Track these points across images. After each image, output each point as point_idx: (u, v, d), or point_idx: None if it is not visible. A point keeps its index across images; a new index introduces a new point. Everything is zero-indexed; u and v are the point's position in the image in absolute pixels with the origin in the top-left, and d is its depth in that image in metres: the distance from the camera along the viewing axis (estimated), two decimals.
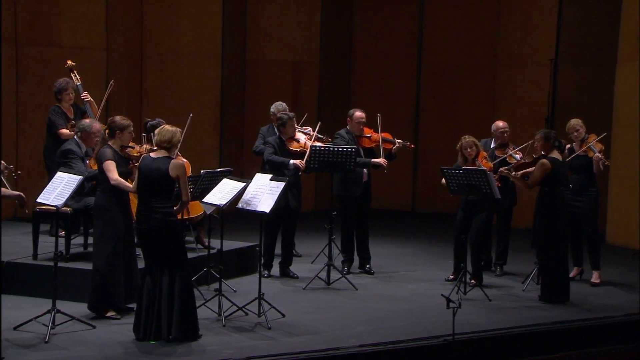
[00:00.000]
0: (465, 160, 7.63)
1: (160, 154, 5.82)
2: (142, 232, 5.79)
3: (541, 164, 7.08)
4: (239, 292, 7.16)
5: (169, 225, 5.73)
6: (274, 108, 8.56)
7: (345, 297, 7.31)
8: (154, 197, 5.74)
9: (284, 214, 7.70)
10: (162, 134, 5.85)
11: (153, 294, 5.74)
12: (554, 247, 7.10)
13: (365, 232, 8.19)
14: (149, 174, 5.78)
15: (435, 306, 6.81)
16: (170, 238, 5.75)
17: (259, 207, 6.41)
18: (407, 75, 12.78)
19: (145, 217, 5.74)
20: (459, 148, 7.65)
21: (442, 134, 12.19)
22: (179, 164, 5.80)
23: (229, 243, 7.92)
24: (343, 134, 8.11)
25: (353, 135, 8.06)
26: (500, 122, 8.21)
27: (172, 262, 5.75)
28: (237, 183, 6.52)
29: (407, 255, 9.46)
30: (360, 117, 8.06)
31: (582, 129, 7.85)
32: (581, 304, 7.18)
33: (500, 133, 8.08)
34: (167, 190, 5.76)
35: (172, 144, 5.84)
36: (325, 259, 7.90)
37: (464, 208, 7.71)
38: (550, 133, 7.26)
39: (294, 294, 7.39)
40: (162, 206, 5.72)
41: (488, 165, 7.56)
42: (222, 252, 6.79)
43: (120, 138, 6.29)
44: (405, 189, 12.85)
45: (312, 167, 7.70)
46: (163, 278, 5.73)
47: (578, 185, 7.81)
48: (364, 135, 8.09)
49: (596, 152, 7.67)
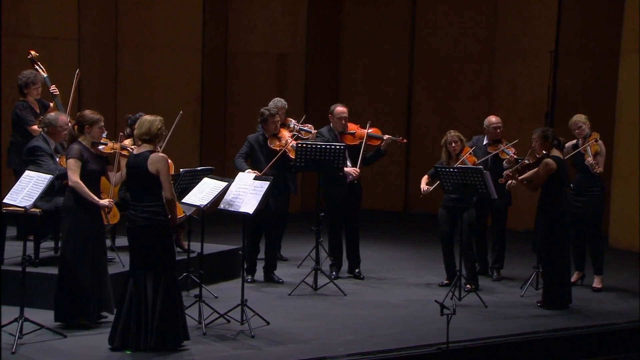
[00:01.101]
0: (449, 156, 7.67)
1: (142, 149, 5.79)
2: (129, 231, 5.80)
3: (545, 164, 7.11)
4: (221, 299, 7.15)
5: (156, 225, 5.71)
6: (273, 105, 8.50)
7: (333, 304, 7.32)
8: (141, 195, 5.73)
9: (265, 216, 7.70)
10: (140, 126, 5.81)
11: (136, 300, 5.72)
12: (557, 251, 7.13)
13: (355, 234, 8.21)
14: (132, 172, 5.76)
15: (429, 313, 6.83)
16: (157, 239, 5.72)
17: (242, 208, 6.41)
18: (399, 67, 12.80)
19: (133, 216, 5.74)
20: (444, 143, 7.70)
21: (436, 130, 12.15)
22: (158, 157, 5.73)
23: (210, 246, 7.92)
24: (324, 133, 8.12)
25: (336, 132, 8.07)
26: (493, 117, 8.25)
27: (157, 265, 5.73)
28: (218, 182, 6.51)
29: (399, 258, 9.48)
30: (341, 112, 8.06)
31: (585, 126, 7.87)
32: (582, 311, 7.22)
33: (493, 129, 8.12)
34: (152, 187, 5.74)
35: (152, 135, 5.78)
36: (312, 263, 7.91)
37: (446, 206, 7.75)
38: (547, 131, 7.29)
39: (279, 300, 7.40)
40: (149, 205, 5.70)
41: (472, 159, 7.61)
42: (203, 255, 6.77)
43: (89, 133, 6.21)
44: (396, 188, 12.89)
45: (299, 165, 7.71)
46: (147, 282, 5.71)
47: (580, 185, 7.85)
48: (348, 132, 8.09)
49: (589, 156, 7.71)
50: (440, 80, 12.57)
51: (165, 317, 5.72)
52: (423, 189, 7.68)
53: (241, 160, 7.80)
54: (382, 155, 8.12)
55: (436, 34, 12.54)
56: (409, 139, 12.60)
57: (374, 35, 12.85)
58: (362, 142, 8.00)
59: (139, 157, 5.76)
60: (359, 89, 12.76)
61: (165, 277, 5.72)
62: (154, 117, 5.85)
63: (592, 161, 7.67)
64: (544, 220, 7.17)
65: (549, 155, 7.15)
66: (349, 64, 12.98)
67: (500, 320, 6.93)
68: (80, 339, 6.03)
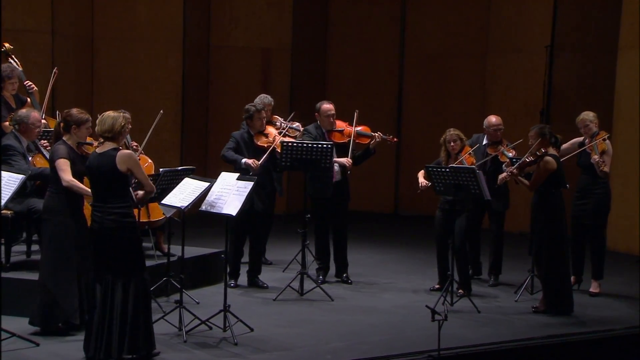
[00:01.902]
0: (448, 155, 7.68)
1: (106, 147, 5.76)
2: (94, 234, 5.75)
3: (546, 162, 7.12)
4: (202, 304, 7.14)
5: (124, 226, 5.69)
6: (259, 101, 8.49)
7: (320, 309, 7.32)
8: (106, 196, 5.69)
9: (249, 218, 7.69)
10: (102, 123, 5.77)
11: (104, 306, 5.69)
12: (556, 254, 7.15)
13: (342, 237, 8.21)
14: (97, 172, 5.72)
15: (419, 319, 6.85)
16: (125, 241, 5.69)
17: (225, 210, 6.40)
18: (389, 63, 12.83)
19: (98, 218, 5.70)
20: (443, 141, 7.70)
21: (428, 128, 12.25)
22: (126, 154, 5.71)
23: (191, 250, 7.90)
24: (311, 130, 8.12)
25: (323, 130, 8.08)
26: (494, 117, 8.24)
27: (126, 268, 5.70)
28: (200, 183, 6.50)
29: (389, 262, 9.49)
30: (328, 109, 8.08)
31: (592, 124, 7.88)
32: (579, 316, 7.25)
33: (494, 130, 8.12)
34: (120, 187, 5.72)
35: (115, 132, 5.76)
36: (298, 267, 7.90)
37: (442, 208, 7.77)
38: (545, 129, 7.32)
39: (264, 305, 7.39)
40: (115, 206, 5.68)
41: (471, 160, 7.61)
42: (184, 259, 6.76)
43: (76, 134, 6.21)
44: (386, 189, 12.91)
45: (284, 165, 7.71)
46: (116, 287, 5.69)
47: (584, 186, 7.87)
48: (336, 129, 8.10)
49: (596, 154, 7.73)
50: (431, 76, 12.60)
51: (137, 323, 5.69)
52: (421, 184, 7.68)
53: (231, 152, 7.76)
54: (371, 154, 8.12)
55: (428, 29, 12.57)
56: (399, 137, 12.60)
57: (363, 29, 12.86)
58: (351, 140, 8.00)
59: (103, 156, 5.71)
60: (346, 86, 12.77)
61: (134, 281, 5.70)
62: (117, 113, 5.84)
63: (599, 159, 7.69)
64: (541, 222, 7.19)
65: (548, 153, 7.17)
66: (337, 59, 12.99)
67: (493, 326, 6.95)
68: (54, 347, 6.00)
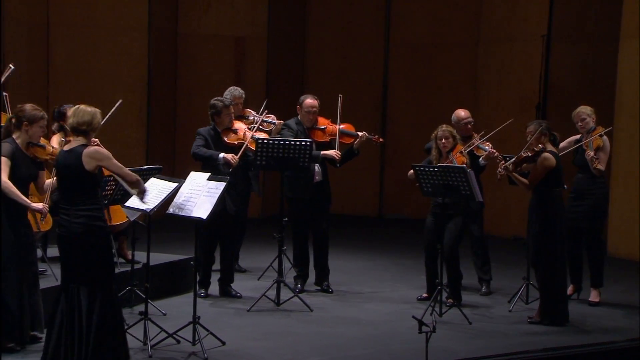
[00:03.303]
0: (439, 153, 7.71)
1: (74, 144, 5.71)
2: (61, 239, 5.71)
3: (544, 159, 7.16)
4: (170, 316, 7.12)
5: (92, 231, 5.66)
6: (229, 94, 8.48)
7: (299, 321, 7.33)
8: (74, 197, 5.66)
9: (221, 221, 7.68)
10: (79, 114, 5.71)
11: (68, 318, 5.66)
12: (554, 259, 7.19)
13: (323, 242, 8.22)
14: (65, 171, 5.69)
15: (406, 331, 6.87)
16: (94, 247, 5.67)
17: (194, 213, 6.38)
18: (373, 54, 12.86)
19: (66, 221, 5.67)
20: (434, 137, 7.73)
21: (414, 125, 12.30)
22: (93, 150, 5.66)
23: (157, 256, 7.87)
24: (291, 125, 8.13)
25: (304, 126, 8.09)
26: (462, 111, 8.31)
27: (94, 277, 5.67)
28: (167, 183, 6.47)
29: (373, 269, 9.51)
30: (310, 105, 8.09)
31: (589, 119, 7.93)
32: (578, 327, 7.30)
33: (464, 124, 8.17)
34: (89, 187, 5.68)
35: (93, 127, 5.73)
36: (275, 275, 7.90)
37: (434, 212, 7.80)
38: (542, 123, 7.35)
39: (237, 317, 7.38)
40: (84, 208, 5.65)
41: (462, 159, 7.64)
42: (149, 267, 6.74)
43: (27, 132, 6.15)
44: (370, 191, 12.94)
45: (260, 163, 7.70)
46: (81, 297, 5.65)
47: (581, 187, 7.92)
48: (318, 127, 8.11)
49: (590, 150, 7.78)
50: (419, 68, 12.64)
51: (102, 337, 5.66)
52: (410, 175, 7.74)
53: (204, 149, 7.74)
54: (354, 155, 8.13)
55: (415, 16, 12.61)
56: (384, 134, 12.66)
57: (345, 17, 12.88)
58: (333, 139, 7.99)
59: (71, 153, 5.67)
60: (327, 78, 12.78)
61: (102, 291, 5.67)
62: (94, 109, 5.81)
63: (593, 155, 7.74)
64: (537, 224, 7.22)
65: (546, 150, 7.21)
66: (316, 49, 13.00)
67: (485, 338, 6.98)
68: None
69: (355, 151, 8.10)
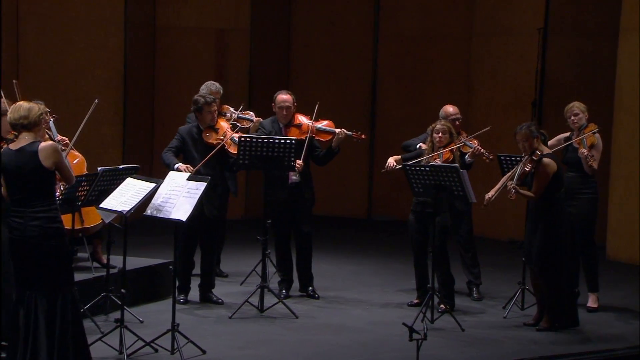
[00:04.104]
0: (432, 147, 7.73)
1: (22, 142, 5.68)
2: (15, 244, 5.67)
3: (546, 165, 7.17)
4: (147, 323, 7.12)
5: (49, 234, 5.63)
6: (205, 89, 8.49)
7: (283, 328, 7.33)
8: (29, 198, 5.63)
9: (200, 224, 7.68)
10: (15, 110, 5.67)
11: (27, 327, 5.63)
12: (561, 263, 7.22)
13: (305, 245, 8.22)
14: (16, 172, 5.64)
15: (395, 338, 6.87)
16: (52, 251, 5.64)
17: (173, 215, 6.38)
18: (361, 47, 12.86)
19: (20, 225, 5.63)
20: (430, 131, 7.73)
21: (405, 121, 12.31)
22: (50, 147, 5.65)
23: (134, 260, 7.87)
24: (266, 125, 8.14)
25: (280, 124, 8.09)
26: (450, 107, 8.33)
27: (53, 283, 5.65)
28: (144, 184, 6.48)
29: (361, 273, 9.52)
30: (281, 100, 8.08)
31: (582, 115, 7.97)
32: (575, 335, 7.32)
33: (452, 121, 8.19)
34: (46, 187, 5.66)
35: (31, 120, 5.67)
36: (258, 280, 7.90)
37: (415, 211, 7.82)
38: (532, 127, 7.34)
39: (218, 324, 7.38)
40: (40, 209, 5.62)
41: (447, 155, 7.64)
42: (125, 272, 6.73)
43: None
44: (359, 191, 12.94)
45: (242, 163, 7.71)
46: (39, 305, 5.63)
47: (572, 186, 7.95)
48: (294, 124, 8.11)
49: (584, 148, 7.82)
50: (410, 62, 12.66)
51: (66, 347, 5.64)
52: (389, 165, 7.73)
53: (170, 154, 7.77)
54: (334, 153, 8.10)
55: (405, 8, 12.62)
56: (372, 131, 12.70)
57: (332, 8, 12.89)
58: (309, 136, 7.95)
59: (22, 152, 5.62)
60: (313, 73, 12.78)
61: (62, 297, 5.65)
62: (32, 104, 5.80)
63: (587, 152, 7.77)
64: (542, 231, 7.23)
65: (544, 154, 7.23)
66: (302, 42, 13.00)
67: (479, 346, 7.00)
68: None
69: (335, 149, 8.08)
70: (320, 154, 8.11)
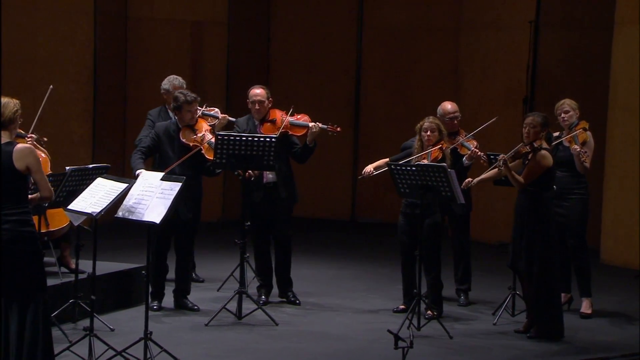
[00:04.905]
0: (421, 145, 7.74)
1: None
2: None
3: (543, 157, 7.19)
4: (118, 331, 7.10)
5: (22, 238, 5.61)
6: (168, 84, 8.51)
7: (262, 336, 7.33)
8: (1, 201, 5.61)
9: (175, 226, 7.66)
10: None
11: None
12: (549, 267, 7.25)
13: (284, 248, 8.22)
14: None
15: (380, 346, 6.89)
16: (24, 256, 5.62)
17: (146, 217, 6.36)
18: (345, 40, 12.87)
19: None
20: (418, 129, 7.75)
21: (391, 118, 12.34)
22: (26, 149, 5.63)
23: (105, 265, 7.84)
24: (241, 123, 8.16)
25: (255, 121, 8.10)
26: (449, 104, 8.35)
27: (24, 289, 5.63)
28: (116, 184, 6.46)
29: (344, 278, 9.53)
30: (253, 95, 8.09)
31: (573, 112, 8.02)
32: (568, 342, 7.34)
33: (450, 119, 8.21)
34: (17, 189, 5.64)
35: (6, 118, 5.64)
36: (236, 285, 7.90)
37: (404, 212, 7.85)
38: (547, 118, 7.38)
39: (193, 332, 7.37)
40: (12, 212, 5.60)
41: (435, 153, 7.66)
42: (95, 277, 6.71)
43: None
44: (342, 191, 12.96)
45: (219, 162, 7.70)
46: (10, 314, 5.61)
47: (563, 186, 7.99)
48: (268, 119, 8.11)
49: (577, 145, 7.86)
50: (395, 55, 12.68)
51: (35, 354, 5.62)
52: (365, 171, 7.77)
53: (138, 156, 7.74)
54: (310, 148, 8.09)
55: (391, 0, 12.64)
56: (356, 128, 12.72)
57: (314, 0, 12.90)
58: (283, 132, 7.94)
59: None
60: (294, 67, 12.78)
61: (34, 304, 5.64)
62: (8, 99, 5.77)
63: (580, 149, 7.81)
64: (530, 229, 7.25)
65: (543, 147, 7.25)
66: (282, 35, 13.00)
67: (468, 354, 7.02)
68: None
69: (311, 144, 8.08)
70: (297, 151, 8.12)
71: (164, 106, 8.56)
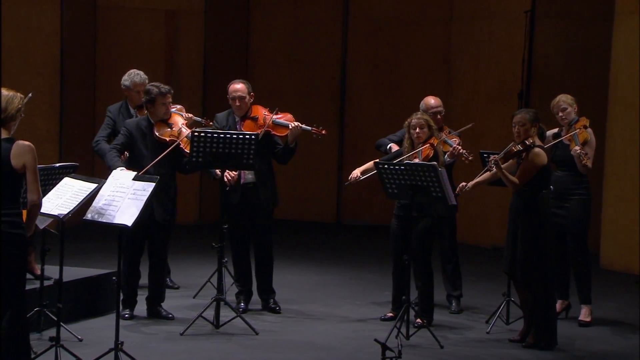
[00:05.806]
0: (411, 143, 7.76)
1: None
2: None
3: (536, 155, 7.21)
4: (87, 341, 7.08)
5: (13, 240, 5.61)
6: (128, 80, 8.49)
7: (241, 346, 7.33)
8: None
9: (146, 231, 7.66)
10: None
11: None
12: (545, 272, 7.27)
13: (264, 254, 8.22)
14: None
15: (367, 356, 6.90)
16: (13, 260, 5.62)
17: (117, 219, 6.36)
18: (329, 31, 12.89)
19: None
20: (407, 126, 7.76)
21: (378, 115, 12.36)
22: (27, 146, 5.64)
23: (72, 271, 7.83)
24: (220, 119, 8.15)
25: (236, 118, 8.10)
26: (432, 98, 8.39)
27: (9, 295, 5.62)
28: (84, 184, 6.46)
29: (329, 284, 9.54)
30: (234, 90, 8.08)
31: (571, 109, 8.05)
32: (565, 351, 7.37)
33: (433, 114, 8.24)
34: (11, 188, 5.63)
35: (9, 115, 5.66)
36: (213, 292, 7.89)
37: (397, 215, 7.86)
38: (537, 114, 7.41)
39: (168, 342, 7.37)
40: (6, 212, 5.59)
41: (427, 152, 7.68)
42: (62, 283, 6.70)
43: None
44: (327, 194, 12.97)
45: (195, 160, 7.69)
46: None
47: (563, 186, 8.02)
48: (249, 116, 8.11)
49: (577, 145, 7.88)
50: (383, 48, 12.71)
51: None
52: (352, 176, 7.78)
53: (114, 154, 7.73)
54: (291, 149, 8.08)
55: None
56: (341, 126, 12.74)
57: None
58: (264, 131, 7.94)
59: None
60: (275, 60, 12.78)
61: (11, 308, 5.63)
62: (13, 92, 5.75)
63: (580, 150, 7.84)
64: (525, 231, 7.27)
65: (536, 145, 7.27)
66: (263, 25, 13.00)
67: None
68: None
69: (291, 145, 8.07)
70: (279, 151, 8.12)
71: (124, 102, 8.55)
